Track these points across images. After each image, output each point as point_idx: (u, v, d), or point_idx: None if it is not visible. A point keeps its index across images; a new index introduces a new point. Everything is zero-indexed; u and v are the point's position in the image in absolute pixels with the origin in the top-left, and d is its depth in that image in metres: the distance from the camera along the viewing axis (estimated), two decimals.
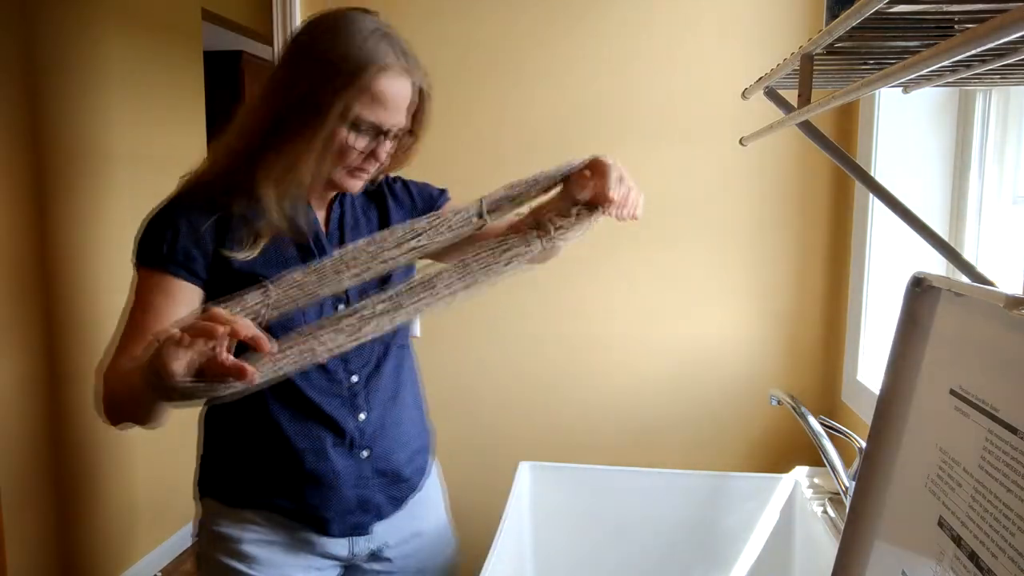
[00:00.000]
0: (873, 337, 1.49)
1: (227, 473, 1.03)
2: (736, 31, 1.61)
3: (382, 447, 1.04)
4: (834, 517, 1.18)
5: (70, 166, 2.24)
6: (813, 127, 0.87)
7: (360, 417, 1.02)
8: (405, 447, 1.08)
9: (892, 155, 1.41)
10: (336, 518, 1.01)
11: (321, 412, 0.99)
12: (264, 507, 1.00)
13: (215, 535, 1.02)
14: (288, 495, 1.00)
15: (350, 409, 1.01)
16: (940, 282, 0.65)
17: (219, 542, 1.01)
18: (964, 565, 0.55)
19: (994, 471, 0.53)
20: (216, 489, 1.03)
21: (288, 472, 0.99)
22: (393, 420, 1.06)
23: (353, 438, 1.01)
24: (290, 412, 0.98)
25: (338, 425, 1.00)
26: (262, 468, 1.00)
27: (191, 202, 0.94)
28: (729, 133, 1.57)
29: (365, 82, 0.88)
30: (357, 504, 1.02)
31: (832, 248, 1.65)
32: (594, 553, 1.39)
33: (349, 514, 1.02)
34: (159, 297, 0.91)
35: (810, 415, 1.07)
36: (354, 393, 1.01)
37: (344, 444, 1.01)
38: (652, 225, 1.68)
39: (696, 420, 1.72)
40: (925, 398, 0.66)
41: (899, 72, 0.53)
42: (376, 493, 1.04)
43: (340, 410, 1.00)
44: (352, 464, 1.01)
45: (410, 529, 1.11)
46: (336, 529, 1.02)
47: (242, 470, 1.02)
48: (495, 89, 1.69)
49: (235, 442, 1.02)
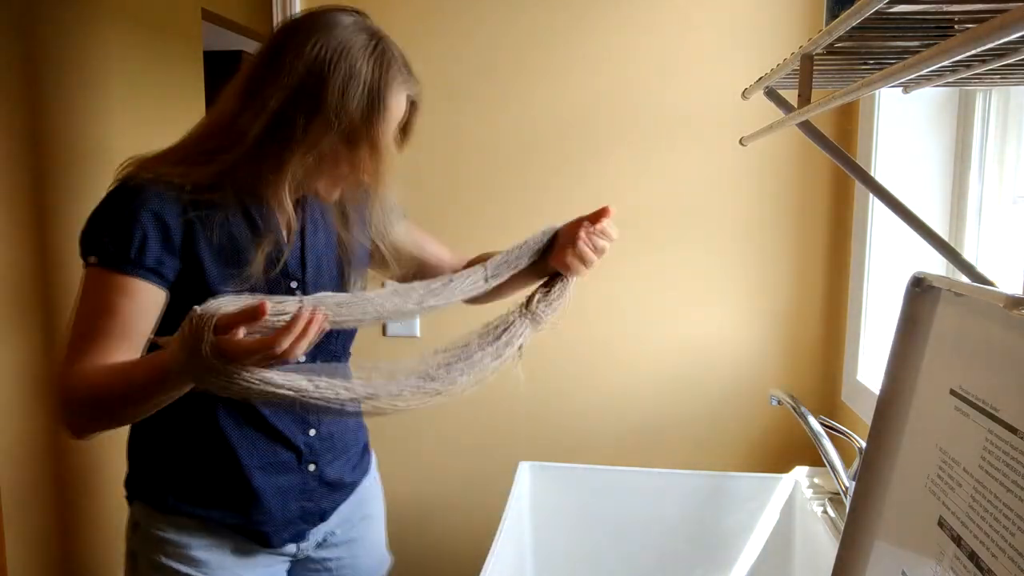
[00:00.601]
0: (873, 337, 1.49)
1: (163, 479, 0.98)
2: (736, 31, 1.61)
3: (328, 459, 1.03)
4: (834, 517, 1.18)
5: (69, 166, 2.24)
6: (813, 127, 0.87)
7: (310, 433, 1.01)
8: (350, 454, 1.08)
9: (892, 155, 1.41)
10: (277, 531, 1.00)
11: (271, 427, 0.97)
12: (202, 517, 0.97)
13: (155, 538, 0.97)
14: (230, 509, 0.97)
15: (300, 425, 0.99)
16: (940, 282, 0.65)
17: (160, 544, 0.97)
18: (964, 565, 0.55)
19: (994, 471, 0.53)
20: (149, 494, 0.99)
21: (231, 486, 0.96)
22: (338, 431, 1.05)
23: (302, 453, 1.00)
24: (239, 425, 0.95)
25: (288, 440, 0.98)
26: (203, 479, 0.97)
27: (160, 199, 0.86)
28: (729, 133, 1.57)
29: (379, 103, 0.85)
30: (299, 515, 1.02)
31: (832, 248, 1.65)
32: (594, 553, 1.39)
33: (291, 524, 1.01)
34: (124, 301, 0.85)
35: (810, 415, 1.07)
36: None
37: (292, 460, 0.99)
38: (652, 225, 1.68)
39: (696, 420, 1.72)
40: (925, 398, 0.66)
41: (899, 72, 0.53)
42: (319, 501, 1.04)
43: (291, 426, 0.98)
44: (298, 478, 1.00)
45: (357, 515, 1.12)
46: (277, 541, 1.01)
47: (180, 478, 0.98)
48: (494, 89, 1.69)
49: (174, 447, 0.98)
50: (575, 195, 1.68)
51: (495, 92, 1.69)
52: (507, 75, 1.68)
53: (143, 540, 0.99)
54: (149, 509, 0.99)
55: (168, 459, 0.99)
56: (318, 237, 1.02)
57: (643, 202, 1.68)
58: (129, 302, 0.85)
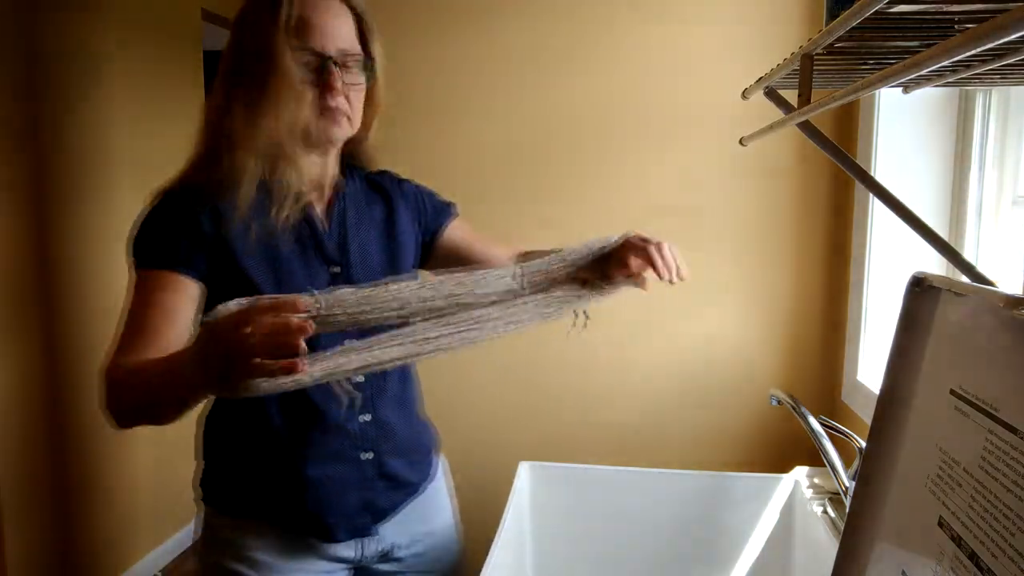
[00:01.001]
0: (873, 337, 1.49)
1: (227, 482, 1.01)
2: (736, 31, 1.61)
3: (385, 450, 1.02)
4: (834, 517, 1.18)
5: (70, 166, 2.24)
6: (813, 127, 0.87)
7: (365, 418, 1.00)
8: (408, 450, 1.06)
9: (892, 155, 1.41)
10: (340, 523, 0.99)
11: (322, 414, 0.97)
12: (266, 518, 0.99)
13: (219, 541, 1.00)
14: (290, 505, 0.98)
15: (352, 410, 0.99)
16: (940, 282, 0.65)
17: (224, 547, 1.00)
18: (964, 565, 0.55)
19: (994, 471, 0.53)
20: (217, 498, 1.02)
21: (288, 479, 0.97)
22: (397, 422, 1.04)
23: (355, 440, 0.99)
24: (290, 414, 0.96)
25: (341, 427, 0.98)
26: (262, 476, 0.99)
27: (183, 197, 0.94)
28: (729, 133, 1.57)
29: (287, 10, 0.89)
30: (361, 506, 1.01)
31: (832, 248, 1.65)
32: (594, 553, 1.39)
33: (353, 517, 1.00)
34: (163, 295, 0.91)
35: (810, 415, 1.07)
36: (358, 392, 0.98)
37: (346, 447, 0.99)
38: (652, 225, 1.67)
39: (696, 420, 1.72)
40: (925, 398, 0.66)
41: (899, 72, 0.53)
42: (379, 496, 1.02)
43: (342, 412, 0.98)
44: (354, 468, 0.99)
45: (421, 529, 1.09)
46: (341, 534, 1.00)
47: (242, 479, 1.00)
48: (494, 91, 1.69)
49: (234, 448, 1.01)
50: (575, 195, 1.68)
51: (496, 95, 1.69)
52: (507, 77, 1.68)
53: (205, 542, 1.02)
54: (211, 509, 1.02)
55: (225, 456, 1.01)
56: (362, 225, 1.02)
57: (643, 201, 1.68)
58: (168, 295, 0.91)
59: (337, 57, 0.92)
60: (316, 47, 0.90)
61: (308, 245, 0.97)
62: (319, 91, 0.91)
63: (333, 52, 0.91)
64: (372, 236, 1.03)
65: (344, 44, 0.93)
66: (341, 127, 0.95)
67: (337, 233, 1.00)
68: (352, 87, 0.94)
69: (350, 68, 0.94)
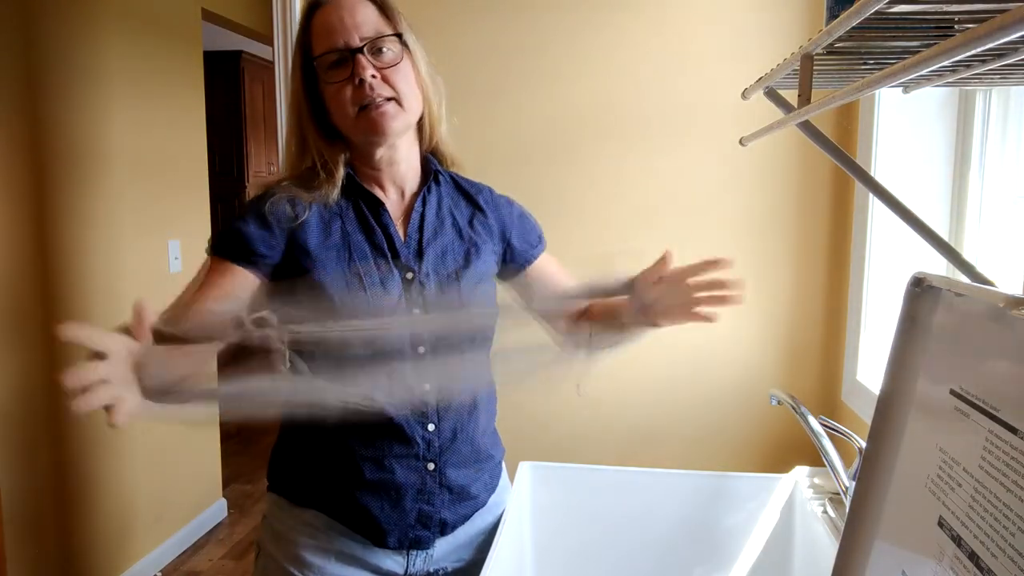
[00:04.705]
0: (873, 337, 1.49)
1: (291, 471, 1.02)
2: (736, 31, 1.61)
3: (450, 461, 1.00)
4: (834, 517, 1.18)
5: (70, 165, 2.24)
6: (813, 127, 0.87)
7: (429, 428, 0.98)
8: (475, 462, 1.04)
9: (892, 155, 1.41)
10: (394, 530, 0.98)
11: (388, 419, 0.95)
12: (324, 510, 0.99)
13: (275, 532, 1.02)
14: (348, 502, 0.97)
15: (419, 418, 0.97)
16: (940, 282, 0.65)
17: (277, 541, 1.01)
18: (964, 565, 0.55)
19: (994, 471, 0.53)
20: (280, 485, 1.03)
21: (349, 479, 0.97)
22: (465, 433, 1.02)
23: (420, 449, 0.97)
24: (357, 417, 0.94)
25: (405, 434, 0.96)
26: (324, 471, 0.98)
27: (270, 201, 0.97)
28: (729, 133, 1.57)
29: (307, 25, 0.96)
30: (418, 518, 0.99)
31: (832, 248, 1.65)
32: (594, 553, 1.39)
33: (409, 528, 0.99)
34: (213, 278, 0.94)
35: (810, 415, 1.07)
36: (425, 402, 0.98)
37: (409, 455, 0.97)
38: (652, 225, 1.68)
39: (696, 420, 1.72)
40: (925, 398, 0.66)
41: (899, 72, 0.53)
42: (440, 509, 1.01)
43: (408, 419, 0.96)
44: (416, 476, 0.98)
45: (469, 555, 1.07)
46: (393, 541, 0.99)
47: (305, 470, 1.00)
48: (494, 91, 1.69)
49: (303, 440, 1.02)
50: (574, 195, 1.68)
51: (495, 95, 1.69)
52: (507, 78, 1.68)
53: (267, 535, 1.04)
54: (279, 499, 1.03)
55: (297, 451, 1.02)
56: (444, 231, 1.02)
57: (642, 202, 1.68)
58: (215, 277, 0.94)
59: (365, 46, 0.93)
60: (340, 45, 0.93)
61: (383, 250, 0.97)
62: (355, 83, 0.93)
63: (358, 43, 0.93)
64: (450, 242, 1.02)
65: (368, 31, 0.94)
66: (387, 111, 0.95)
67: (416, 239, 1.00)
68: (390, 68, 0.95)
69: (383, 52, 0.95)
